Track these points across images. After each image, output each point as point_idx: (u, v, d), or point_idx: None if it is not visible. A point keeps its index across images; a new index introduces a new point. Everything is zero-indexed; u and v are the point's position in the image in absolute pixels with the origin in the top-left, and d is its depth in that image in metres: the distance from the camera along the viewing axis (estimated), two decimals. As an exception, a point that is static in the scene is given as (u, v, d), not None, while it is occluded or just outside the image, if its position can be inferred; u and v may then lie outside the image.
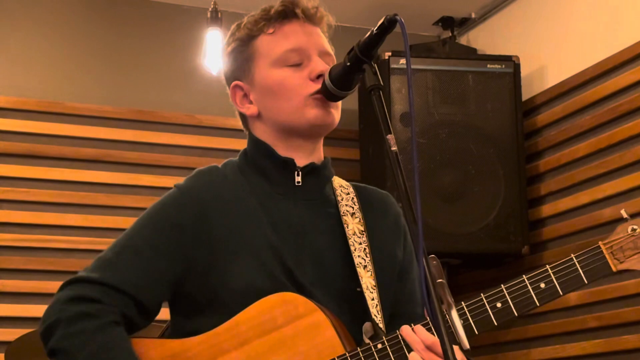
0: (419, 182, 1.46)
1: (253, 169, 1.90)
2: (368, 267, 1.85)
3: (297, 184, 1.87)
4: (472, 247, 3.85)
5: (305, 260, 1.82)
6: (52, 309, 1.77)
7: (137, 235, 1.82)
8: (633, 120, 3.51)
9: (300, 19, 1.87)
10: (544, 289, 1.73)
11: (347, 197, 1.94)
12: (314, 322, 1.74)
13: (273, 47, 1.86)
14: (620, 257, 1.73)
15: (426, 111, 3.90)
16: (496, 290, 1.74)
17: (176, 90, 4.21)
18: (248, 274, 1.77)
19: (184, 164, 4.09)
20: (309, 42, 1.86)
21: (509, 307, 1.73)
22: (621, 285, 3.45)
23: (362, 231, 1.89)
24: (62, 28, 4.16)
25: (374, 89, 1.63)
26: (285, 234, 1.83)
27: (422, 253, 1.44)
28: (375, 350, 1.74)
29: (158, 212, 1.85)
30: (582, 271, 1.73)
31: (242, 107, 1.91)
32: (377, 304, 1.83)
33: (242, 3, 1.92)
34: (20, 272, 3.82)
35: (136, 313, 1.78)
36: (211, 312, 1.78)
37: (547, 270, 1.74)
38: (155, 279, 1.79)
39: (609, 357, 3.51)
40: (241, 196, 1.85)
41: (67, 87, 4.09)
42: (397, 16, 1.58)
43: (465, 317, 1.73)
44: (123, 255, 1.80)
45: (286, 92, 1.84)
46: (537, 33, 4.12)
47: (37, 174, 3.94)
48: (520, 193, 3.90)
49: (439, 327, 1.42)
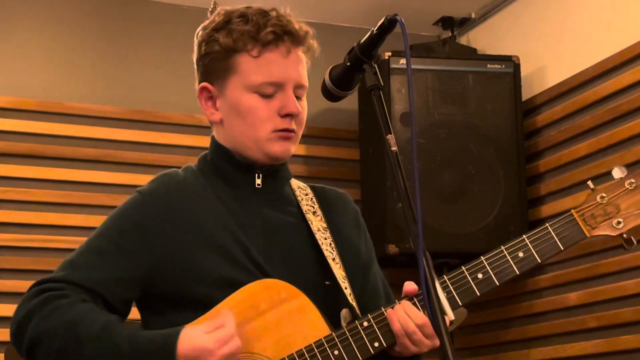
0: (419, 182, 1.47)
1: (214, 172, 1.93)
2: (336, 259, 1.89)
3: (258, 187, 1.90)
4: (472, 247, 3.84)
5: (275, 257, 1.85)
6: (18, 309, 1.80)
7: (100, 237, 1.85)
8: (633, 120, 3.51)
9: (287, 46, 1.86)
10: (522, 257, 1.81)
11: (307, 198, 1.97)
12: (298, 306, 1.77)
13: (252, 72, 1.85)
14: (592, 223, 1.82)
15: (426, 111, 3.90)
16: (476, 262, 1.83)
17: (176, 90, 4.21)
18: (220, 267, 1.80)
19: (184, 164, 4.07)
20: (288, 75, 1.86)
21: (490, 277, 1.81)
22: (621, 285, 3.45)
23: (325, 228, 1.93)
24: (62, 28, 4.15)
25: (374, 89, 1.64)
26: (252, 233, 1.85)
27: (422, 253, 1.44)
28: (362, 327, 1.77)
29: (120, 215, 1.88)
30: (557, 238, 1.81)
31: (206, 109, 1.94)
32: (350, 293, 1.87)
33: (242, 3, 1.91)
34: (20, 272, 3.81)
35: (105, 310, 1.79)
36: (186, 307, 1.79)
37: (524, 239, 1.82)
38: (119, 278, 1.81)
39: (609, 357, 3.51)
40: (205, 197, 1.88)
41: (67, 87, 4.09)
42: (397, 16, 1.59)
43: (448, 289, 1.79)
44: (87, 255, 1.83)
45: (252, 120, 1.86)
46: (537, 33, 4.12)
47: (37, 174, 3.93)
48: (520, 193, 3.89)
49: (439, 328, 1.42)
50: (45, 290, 1.79)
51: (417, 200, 1.47)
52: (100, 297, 1.79)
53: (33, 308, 1.76)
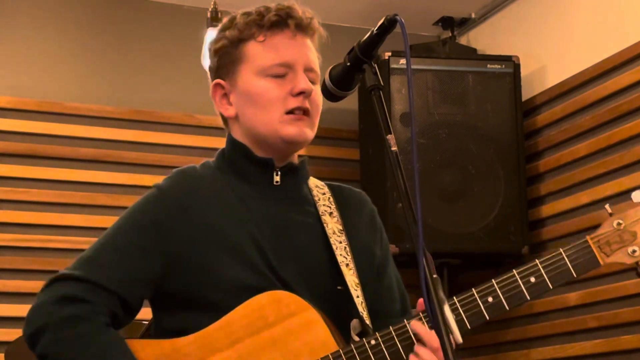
0: (419, 182, 1.46)
1: (231, 169, 1.91)
2: (350, 265, 1.87)
3: (276, 184, 1.88)
4: (472, 247, 3.85)
5: (288, 259, 1.82)
6: (39, 311, 1.77)
7: (117, 234, 1.85)
8: (633, 120, 3.51)
9: (292, 29, 1.86)
10: (534, 283, 1.78)
11: (324, 197, 1.95)
12: (306, 320, 1.75)
13: (260, 57, 1.85)
14: (607, 250, 1.77)
15: (426, 111, 3.90)
16: (487, 285, 1.78)
17: (176, 90, 4.21)
18: (233, 269, 1.78)
19: (184, 164, 4.06)
20: (297, 56, 1.86)
21: (501, 302, 1.78)
22: (621, 285, 3.45)
23: (341, 230, 1.90)
24: (62, 28, 4.15)
25: (374, 89, 1.63)
26: (268, 232, 1.83)
27: (422, 253, 1.44)
28: (369, 346, 1.74)
29: (137, 211, 1.87)
30: (570, 265, 1.77)
31: (221, 106, 1.94)
32: (362, 301, 1.84)
33: (242, 3, 1.91)
34: (20, 272, 3.82)
35: (121, 310, 1.79)
36: (197, 309, 1.78)
37: (536, 264, 1.77)
38: (136, 276, 1.80)
39: (609, 357, 3.51)
40: (222, 195, 1.86)
41: (67, 87, 4.09)
42: (397, 16, 1.58)
43: (458, 311, 1.75)
44: (104, 253, 1.82)
45: (265, 103, 1.85)
46: (537, 33, 4.12)
47: (37, 174, 3.93)
48: (520, 193, 3.90)
49: (439, 327, 1.42)
50: (68, 299, 1.76)
51: (417, 200, 1.46)
52: (119, 297, 1.78)
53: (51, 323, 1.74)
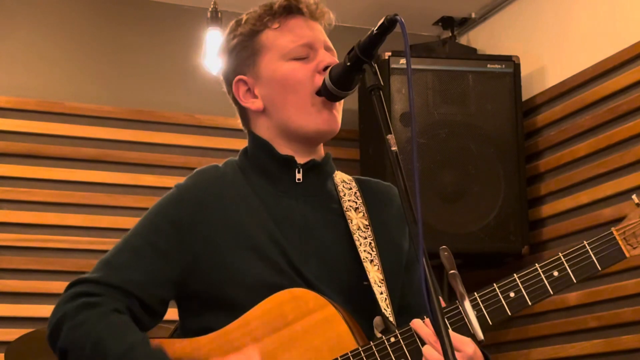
0: (419, 182, 1.46)
1: (253, 167, 1.89)
2: (375, 261, 1.84)
3: (298, 181, 1.87)
4: (472, 247, 3.84)
5: (310, 257, 1.81)
6: (54, 311, 1.78)
7: (137, 235, 1.83)
8: (633, 120, 3.51)
9: (304, 14, 1.87)
10: (557, 277, 1.70)
11: (350, 192, 1.93)
12: (325, 317, 1.73)
13: (280, 41, 1.86)
14: (633, 242, 1.70)
15: (426, 111, 3.90)
16: (509, 279, 1.72)
17: (176, 90, 4.21)
18: (255, 268, 1.77)
19: (184, 164, 4.09)
20: (315, 36, 1.87)
21: (523, 297, 1.71)
22: (621, 285, 3.45)
23: (367, 225, 1.88)
24: (62, 28, 4.15)
25: (374, 89, 1.63)
26: (289, 231, 1.82)
27: (422, 253, 1.44)
28: (389, 344, 1.72)
29: (157, 212, 1.85)
30: (595, 258, 1.70)
31: (246, 101, 1.90)
32: (386, 297, 1.82)
33: (242, 3, 1.92)
34: (20, 272, 3.82)
35: (141, 311, 1.78)
36: (220, 309, 1.77)
37: (560, 258, 1.71)
38: (155, 277, 1.79)
39: (609, 357, 3.51)
40: (242, 194, 1.85)
41: (67, 87, 4.09)
42: (397, 16, 1.58)
43: (479, 307, 1.72)
44: (123, 255, 1.81)
45: (294, 84, 1.83)
46: (537, 33, 4.12)
47: (37, 174, 3.93)
48: (520, 193, 3.90)
49: (439, 327, 1.42)
50: (81, 294, 1.76)
51: (417, 200, 1.46)
52: (136, 299, 1.77)
53: (66, 313, 1.75)
